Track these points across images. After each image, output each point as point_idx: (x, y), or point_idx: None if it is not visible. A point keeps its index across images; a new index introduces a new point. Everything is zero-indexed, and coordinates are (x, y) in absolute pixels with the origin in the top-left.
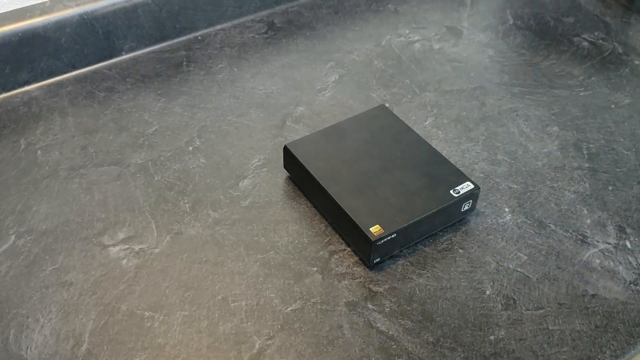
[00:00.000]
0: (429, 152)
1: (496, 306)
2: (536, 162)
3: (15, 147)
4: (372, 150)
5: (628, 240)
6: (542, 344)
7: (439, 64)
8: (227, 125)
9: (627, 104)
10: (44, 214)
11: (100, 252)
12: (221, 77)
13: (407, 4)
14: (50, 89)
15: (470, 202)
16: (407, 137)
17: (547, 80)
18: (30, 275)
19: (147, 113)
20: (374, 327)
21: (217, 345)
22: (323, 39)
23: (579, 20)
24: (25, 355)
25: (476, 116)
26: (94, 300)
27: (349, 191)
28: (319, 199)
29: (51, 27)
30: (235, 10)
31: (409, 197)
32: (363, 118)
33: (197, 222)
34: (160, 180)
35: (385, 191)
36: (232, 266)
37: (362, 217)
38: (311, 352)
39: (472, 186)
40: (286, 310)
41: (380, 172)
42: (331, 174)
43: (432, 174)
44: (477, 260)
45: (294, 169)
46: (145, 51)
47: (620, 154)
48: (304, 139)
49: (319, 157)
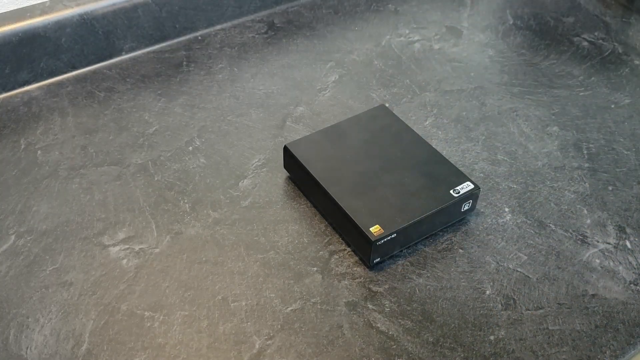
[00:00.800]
0: (429, 152)
1: (496, 306)
2: (536, 162)
3: (15, 147)
4: (372, 150)
5: (628, 240)
6: (542, 344)
7: (439, 64)
8: (227, 125)
9: (627, 104)
10: (44, 214)
11: (100, 252)
12: (221, 77)
13: (407, 4)
14: (50, 89)
15: (470, 202)
16: (407, 137)
17: (547, 80)
18: (30, 275)
19: (147, 113)
20: (374, 327)
21: (217, 345)
22: (323, 39)
23: (579, 20)
24: (25, 355)
25: (476, 116)
26: (94, 300)
27: (348, 191)
28: (319, 199)
29: (51, 27)
30: (235, 10)
31: (409, 197)
32: (363, 118)
33: (197, 222)
34: (160, 180)
35: (385, 191)
36: (232, 266)
37: (362, 217)
38: (311, 352)
39: (472, 186)
40: (286, 310)
41: (380, 172)
42: (331, 174)
43: (432, 174)
44: (477, 260)
45: (294, 169)
46: (145, 51)
47: (620, 154)
48: (304, 139)
49: (319, 157)
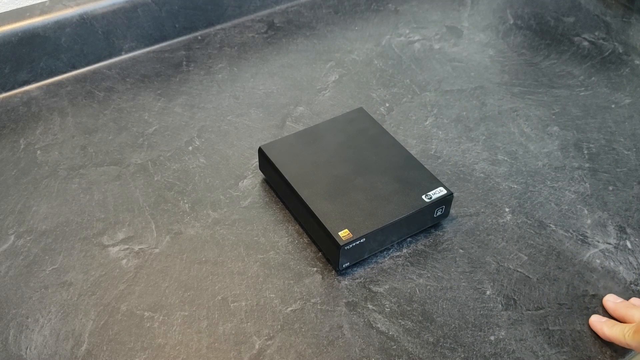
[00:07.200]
0: (404, 157)
1: (496, 306)
2: (536, 162)
3: (15, 147)
4: (346, 154)
5: (628, 241)
6: (543, 344)
7: (439, 63)
8: (227, 125)
9: (627, 104)
10: (44, 214)
11: (100, 252)
12: (221, 77)
13: (407, 3)
14: (49, 88)
15: (444, 208)
16: (383, 141)
17: (548, 80)
18: (29, 275)
19: (147, 113)
20: (374, 327)
21: (217, 345)
22: (323, 38)
23: (579, 20)
24: (24, 356)
25: (476, 116)
26: (94, 300)
27: (320, 194)
28: (291, 201)
29: (51, 27)
30: (235, 10)
31: (380, 202)
32: (340, 121)
33: (196, 222)
34: (160, 180)
35: (357, 195)
36: (232, 266)
37: (332, 221)
38: (311, 353)
39: (445, 192)
40: (286, 310)
41: (353, 176)
42: (304, 177)
43: (405, 179)
44: (478, 261)
45: (268, 171)
46: (145, 51)
47: (621, 154)
48: (279, 141)
49: (293, 159)
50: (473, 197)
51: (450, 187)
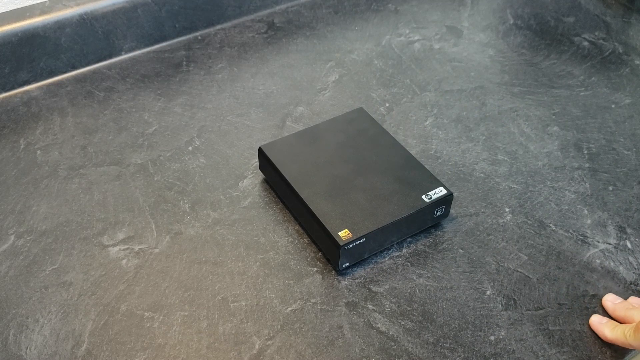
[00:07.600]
0: (404, 157)
1: (496, 306)
2: (536, 162)
3: (15, 147)
4: (346, 154)
5: (628, 241)
6: (543, 344)
7: (439, 63)
8: (227, 125)
9: (627, 104)
10: (44, 214)
11: (100, 252)
12: (221, 77)
13: (407, 3)
14: (49, 88)
15: (444, 208)
16: (383, 141)
17: (548, 80)
18: (29, 276)
19: (147, 113)
20: (374, 327)
21: (217, 345)
22: (323, 38)
23: (579, 20)
24: (24, 356)
25: (476, 116)
26: (94, 300)
27: (320, 195)
28: (291, 201)
29: (51, 27)
30: (235, 10)
31: (380, 202)
32: (340, 121)
33: (196, 222)
34: (160, 180)
35: (357, 195)
36: (232, 266)
37: (332, 221)
38: (311, 353)
39: (445, 192)
40: (286, 310)
41: (353, 176)
42: (304, 177)
43: (405, 179)
44: (478, 261)
45: (268, 171)
46: (144, 51)
47: (621, 154)
48: (279, 141)
49: (293, 159)
50: (473, 197)
51: (450, 187)
